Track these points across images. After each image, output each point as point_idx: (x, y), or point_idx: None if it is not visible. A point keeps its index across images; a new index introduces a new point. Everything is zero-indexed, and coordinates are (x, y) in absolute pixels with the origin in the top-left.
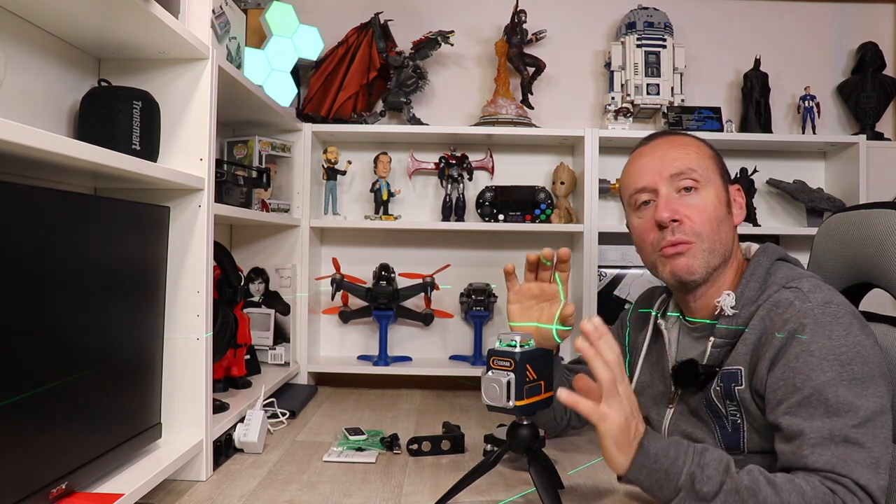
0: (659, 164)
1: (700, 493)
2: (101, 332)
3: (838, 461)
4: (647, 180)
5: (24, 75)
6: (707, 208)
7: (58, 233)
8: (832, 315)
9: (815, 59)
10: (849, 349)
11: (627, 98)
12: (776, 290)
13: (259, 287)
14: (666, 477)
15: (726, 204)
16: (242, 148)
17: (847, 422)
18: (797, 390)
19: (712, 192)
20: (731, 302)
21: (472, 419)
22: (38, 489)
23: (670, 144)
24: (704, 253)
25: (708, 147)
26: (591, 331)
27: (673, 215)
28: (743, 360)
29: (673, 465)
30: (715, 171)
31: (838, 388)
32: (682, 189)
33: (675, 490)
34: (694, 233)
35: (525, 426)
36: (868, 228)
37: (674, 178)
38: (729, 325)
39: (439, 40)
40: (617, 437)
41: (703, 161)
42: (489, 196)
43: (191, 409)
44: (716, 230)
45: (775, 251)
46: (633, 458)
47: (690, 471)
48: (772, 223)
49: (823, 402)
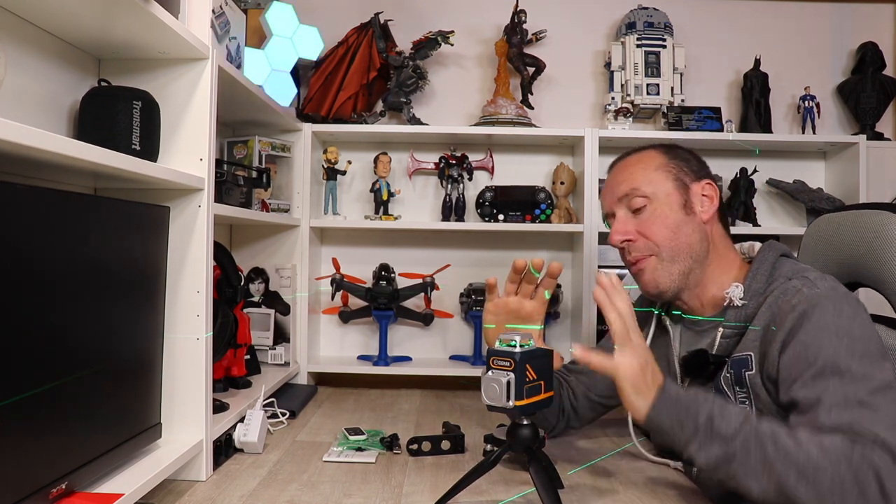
0: (611, 189)
1: (719, 433)
2: (101, 332)
3: (855, 421)
4: (605, 206)
5: (24, 75)
6: (657, 220)
7: (58, 233)
8: (841, 297)
9: (815, 59)
10: (858, 327)
11: (627, 98)
12: (782, 281)
13: (259, 287)
14: (686, 415)
15: (682, 206)
16: (242, 148)
17: (862, 387)
18: (811, 365)
19: (662, 203)
20: (739, 293)
21: (472, 419)
22: (38, 489)
23: (619, 168)
24: (665, 263)
25: (660, 154)
26: (608, 283)
27: (624, 236)
28: (753, 346)
29: (692, 404)
30: (665, 179)
31: (850, 361)
32: (634, 209)
33: (694, 429)
34: (648, 247)
35: (525, 426)
36: (857, 229)
37: (622, 201)
38: (738, 316)
39: (439, 40)
40: (634, 382)
41: (648, 174)
42: (489, 196)
43: (191, 409)
44: (672, 237)
45: (780, 248)
46: (654, 399)
47: (710, 412)
48: (772, 223)
49: (837, 372)
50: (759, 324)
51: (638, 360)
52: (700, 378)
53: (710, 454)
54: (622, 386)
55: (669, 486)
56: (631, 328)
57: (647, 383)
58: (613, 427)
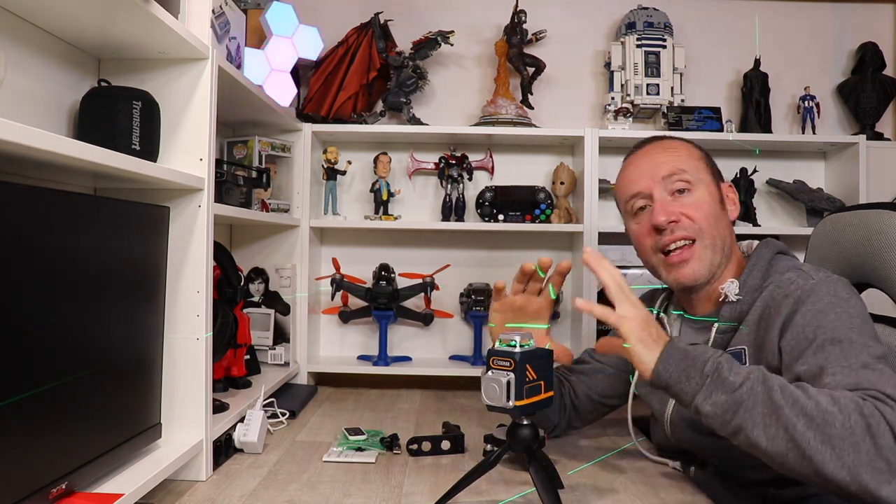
0: (651, 169)
1: (726, 381)
2: (100, 332)
3: (861, 380)
4: (640, 185)
5: (24, 75)
6: (703, 206)
7: (58, 233)
8: (835, 282)
9: (815, 59)
10: (853, 307)
11: (627, 98)
12: (777, 276)
13: (259, 287)
14: (693, 365)
15: (720, 201)
16: (242, 148)
17: (864, 353)
18: (811, 342)
19: (705, 191)
20: (734, 289)
21: (472, 419)
22: (38, 489)
23: (659, 149)
24: (707, 251)
25: (697, 148)
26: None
27: (669, 217)
28: (746, 340)
29: (701, 356)
30: (705, 170)
31: (850, 332)
32: (675, 191)
33: (701, 377)
34: (694, 229)
35: (525, 426)
36: (864, 228)
37: (666, 180)
38: (733, 311)
39: (439, 40)
40: (640, 335)
41: (693, 162)
42: (489, 196)
43: (191, 409)
44: (714, 226)
45: (776, 245)
46: (662, 351)
47: (717, 361)
48: (772, 223)
49: (837, 343)
50: (752, 316)
51: (640, 311)
52: None
53: (716, 402)
54: (629, 340)
55: (669, 486)
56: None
57: (652, 336)
58: (613, 427)
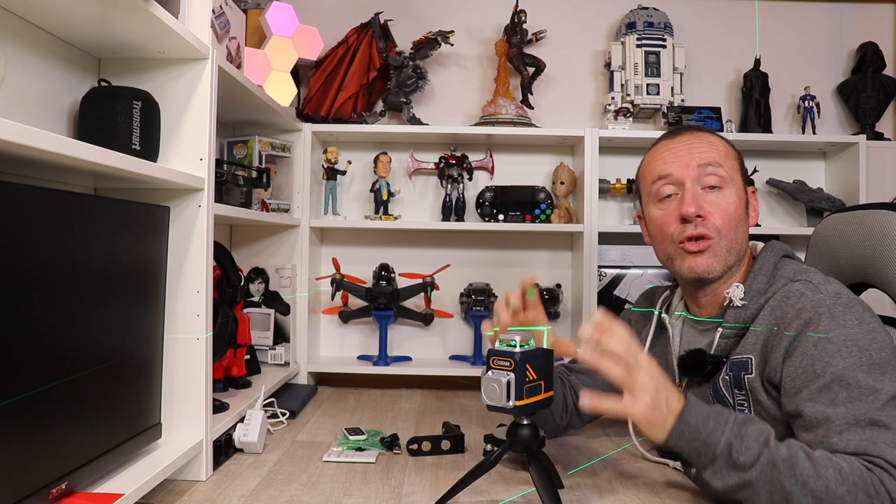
0: (686, 155)
1: (737, 463)
2: (100, 332)
3: (868, 443)
4: (672, 169)
5: (24, 75)
6: (729, 207)
7: (58, 233)
8: (844, 305)
9: (815, 59)
10: (864, 336)
11: (627, 98)
12: (784, 283)
13: (259, 287)
14: (704, 445)
15: (745, 205)
16: (242, 148)
17: (871, 405)
18: (817, 377)
19: (734, 192)
20: (740, 294)
21: (472, 419)
22: (38, 489)
23: (698, 139)
24: (723, 251)
25: (733, 148)
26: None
27: (699, 210)
28: (753, 350)
29: (711, 434)
30: (738, 171)
31: (858, 373)
32: (706, 186)
33: (711, 458)
34: (716, 229)
35: (525, 426)
36: (865, 229)
37: (700, 170)
38: (738, 317)
39: (439, 40)
40: (649, 419)
41: (729, 160)
42: (489, 196)
43: (191, 409)
44: (734, 229)
45: (782, 248)
46: (672, 428)
47: (728, 441)
48: (772, 223)
49: (845, 386)
50: (760, 326)
51: (649, 396)
52: (697, 378)
53: (726, 482)
54: (638, 425)
55: (669, 486)
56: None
57: (662, 414)
58: (613, 427)
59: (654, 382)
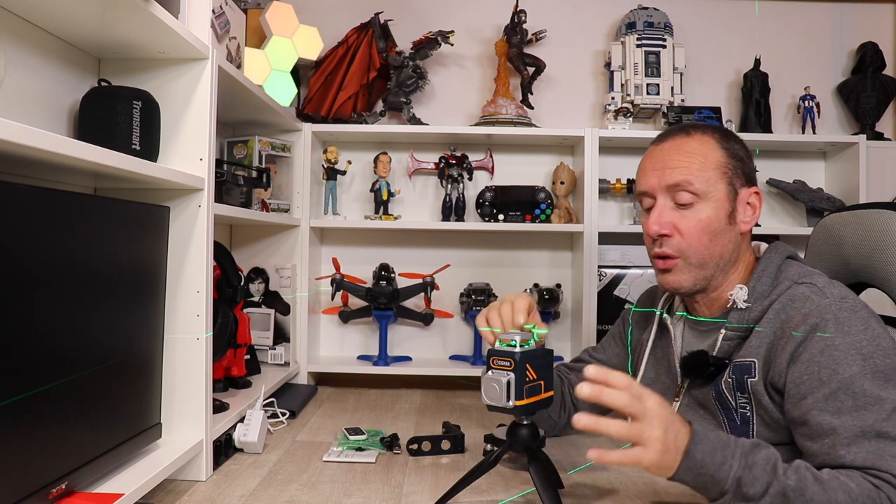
0: (660, 171)
1: (746, 496)
2: (101, 332)
3: (875, 457)
4: (648, 185)
5: (24, 75)
6: (700, 224)
7: (58, 233)
8: (850, 310)
9: (815, 59)
10: (868, 343)
11: (627, 98)
12: (789, 285)
13: (259, 287)
14: (712, 481)
15: (728, 214)
16: (242, 148)
17: (877, 415)
18: (823, 384)
19: (710, 206)
20: (743, 296)
21: (472, 419)
22: (38, 489)
23: (674, 150)
24: (691, 268)
25: (721, 150)
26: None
27: (661, 230)
28: (757, 353)
29: (719, 469)
30: (720, 179)
31: (864, 382)
32: (678, 203)
33: (720, 493)
34: (680, 249)
35: (525, 426)
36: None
37: (671, 189)
38: (741, 319)
39: (439, 40)
40: (660, 465)
41: (707, 172)
42: (489, 196)
43: (191, 409)
44: (707, 245)
45: (785, 249)
46: (679, 465)
47: (737, 475)
48: (772, 223)
49: (851, 395)
50: (764, 329)
51: (659, 443)
52: (699, 379)
53: None
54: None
55: (669, 486)
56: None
57: (672, 455)
58: None
59: (663, 425)
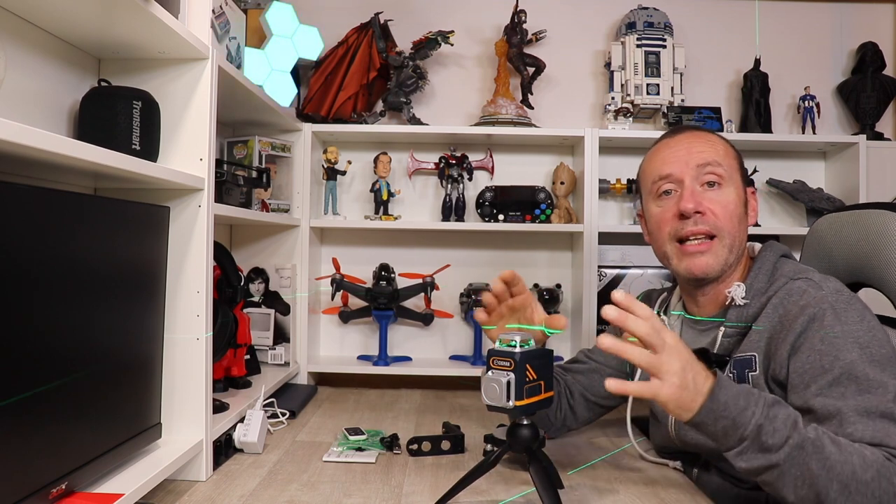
0: (685, 154)
1: (765, 445)
2: (100, 332)
3: (883, 434)
4: (672, 168)
5: (24, 75)
6: (729, 205)
7: (58, 233)
8: (845, 302)
9: (815, 59)
10: (864, 333)
11: (627, 98)
12: (785, 282)
13: (259, 287)
14: (733, 425)
15: (744, 204)
16: (242, 148)
17: (881, 398)
18: (826, 372)
19: (734, 191)
20: (741, 293)
21: (472, 419)
22: (38, 489)
23: (698, 138)
24: (724, 249)
25: (732, 148)
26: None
27: (697, 207)
28: (756, 347)
29: (742, 414)
30: (737, 170)
31: (866, 367)
32: (705, 183)
33: (739, 439)
34: (716, 227)
35: (525, 426)
36: (861, 228)
37: (699, 169)
38: (739, 316)
39: (439, 40)
40: (677, 400)
41: (728, 159)
42: (489, 196)
43: (191, 409)
44: (736, 227)
45: (780, 248)
46: (700, 407)
47: (758, 422)
48: (772, 223)
49: (854, 380)
50: (763, 324)
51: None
52: None
53: (752, 463)
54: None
55: (669, 486)
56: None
57: (690, 394)
58: (613, 427)
59: (681, 362)
